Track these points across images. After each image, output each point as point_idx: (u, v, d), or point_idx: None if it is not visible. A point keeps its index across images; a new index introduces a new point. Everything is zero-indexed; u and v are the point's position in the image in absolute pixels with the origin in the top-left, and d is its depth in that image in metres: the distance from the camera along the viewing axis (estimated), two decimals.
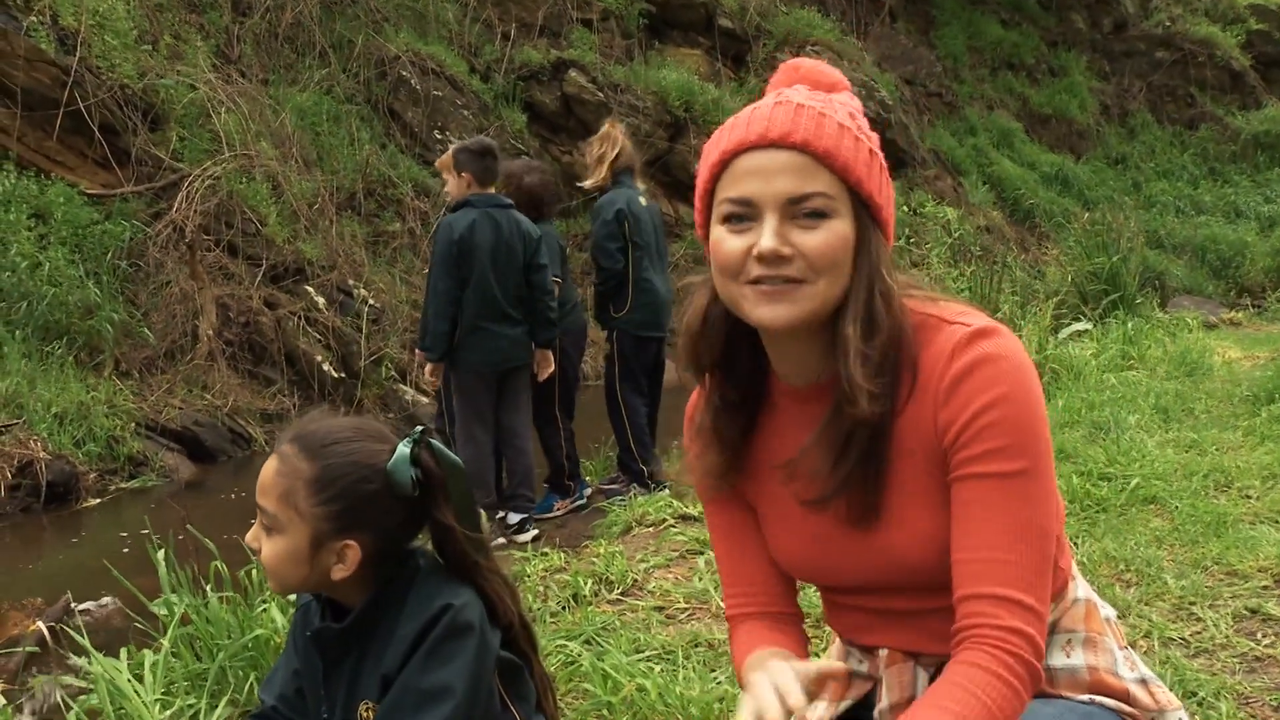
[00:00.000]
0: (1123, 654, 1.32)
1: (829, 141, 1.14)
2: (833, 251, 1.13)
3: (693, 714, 2.19)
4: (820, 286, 1.14)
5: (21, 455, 6.33)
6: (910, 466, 1.19)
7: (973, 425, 1.13)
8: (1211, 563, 2.95)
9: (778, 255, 1.12)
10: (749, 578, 1.36)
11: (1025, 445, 1.13)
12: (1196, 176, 17.43)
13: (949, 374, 1.14)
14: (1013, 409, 1.13)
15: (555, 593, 3.18)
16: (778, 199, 1.13)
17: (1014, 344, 1.17)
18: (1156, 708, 1.28)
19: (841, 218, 1.14)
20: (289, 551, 1.48)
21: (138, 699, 2.23)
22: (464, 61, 12.09)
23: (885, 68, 15.75)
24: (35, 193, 8.11)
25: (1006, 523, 1.13)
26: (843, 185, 1.15)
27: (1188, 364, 6.39)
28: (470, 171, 4.66)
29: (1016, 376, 1.14)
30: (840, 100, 1.22)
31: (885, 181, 1.19)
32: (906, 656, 1.29)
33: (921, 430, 1.17)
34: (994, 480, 1.13)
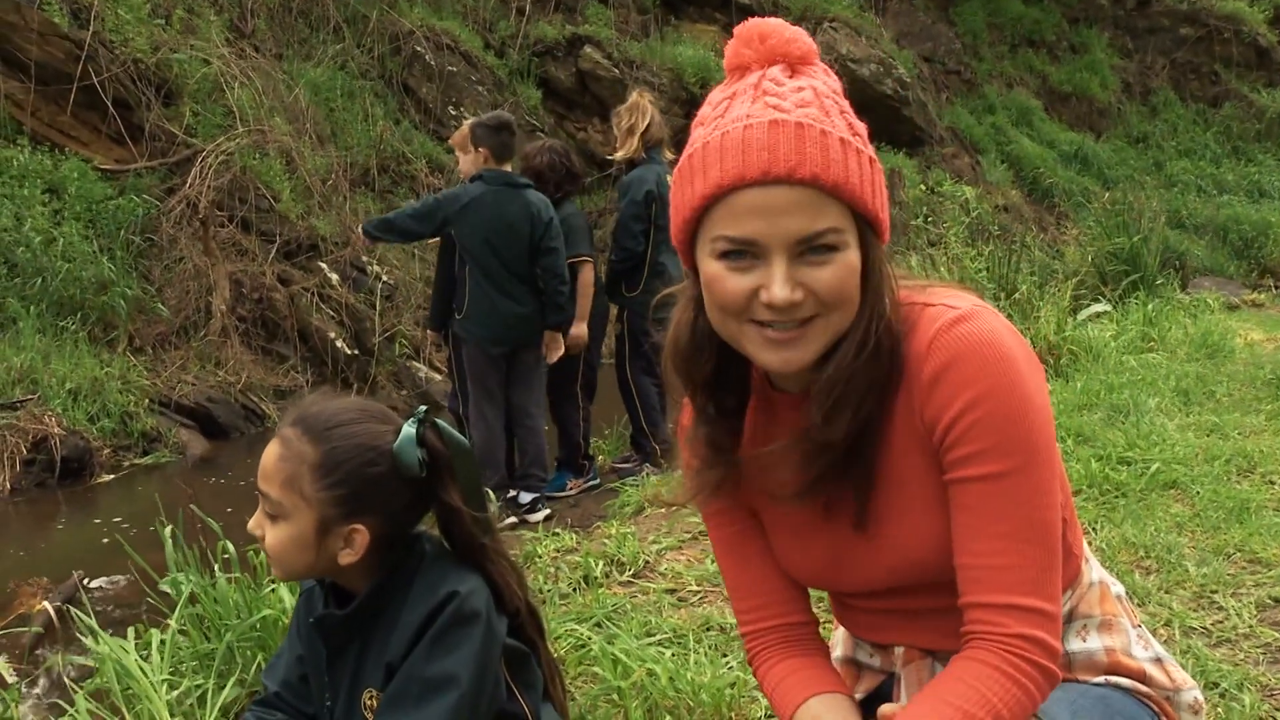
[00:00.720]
0: (1136, 632, 1.29)
1: (837, 171, 1.03)
2: (845, 287, 1.06)
3: (703, 700, 2.16)
4: (833, 320, 1.08)
5: (36, 431, 6.36)
6: (909, 464, 1.14)
7: (956, 427, 1.08)
8: (1234, 550, 2.90)
9: (792, 303, 1.04)
10: (759, 590, 1.31)
11: (1014, 441, 1.07)
12: (1219, 155, 17.17)
13: (927, 370, 1.09)
14: (995, 404, 1.06)
15: (566, 574, 3.15)
16: (787, 240, 1.04)
17: (992, 328, 1.09)
18: (1172, 686, 1.26)
19: (851, 247, 1.06)
20: (294, 538, 1.44)
21: (145, 679, 2.22)
22: (479, 37, 12.01)
23: (903, 45, 15.56)
24: (49, 168, 8.11)
25: (1005, 527, 1.08)
26: (851, 214, 1.06)
27: (1209, 346, 6.30)
28: (487, 146, 4.62)
29: (997, 368, 1.07)
30: (821, 86, 1.09)
31: (879, 180, 1.10)
32: (924, 654, 1.26)
33: (911, 426, 1.12)
34: (986, 483, 1.08)
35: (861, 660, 1.35)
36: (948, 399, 1.07)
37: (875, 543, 1.18)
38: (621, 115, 5.12)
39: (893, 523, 1.16)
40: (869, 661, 1.34)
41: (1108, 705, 1.20)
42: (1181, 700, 1.26)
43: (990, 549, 1.08)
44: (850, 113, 1.10)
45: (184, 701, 2.29)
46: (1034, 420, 1.08)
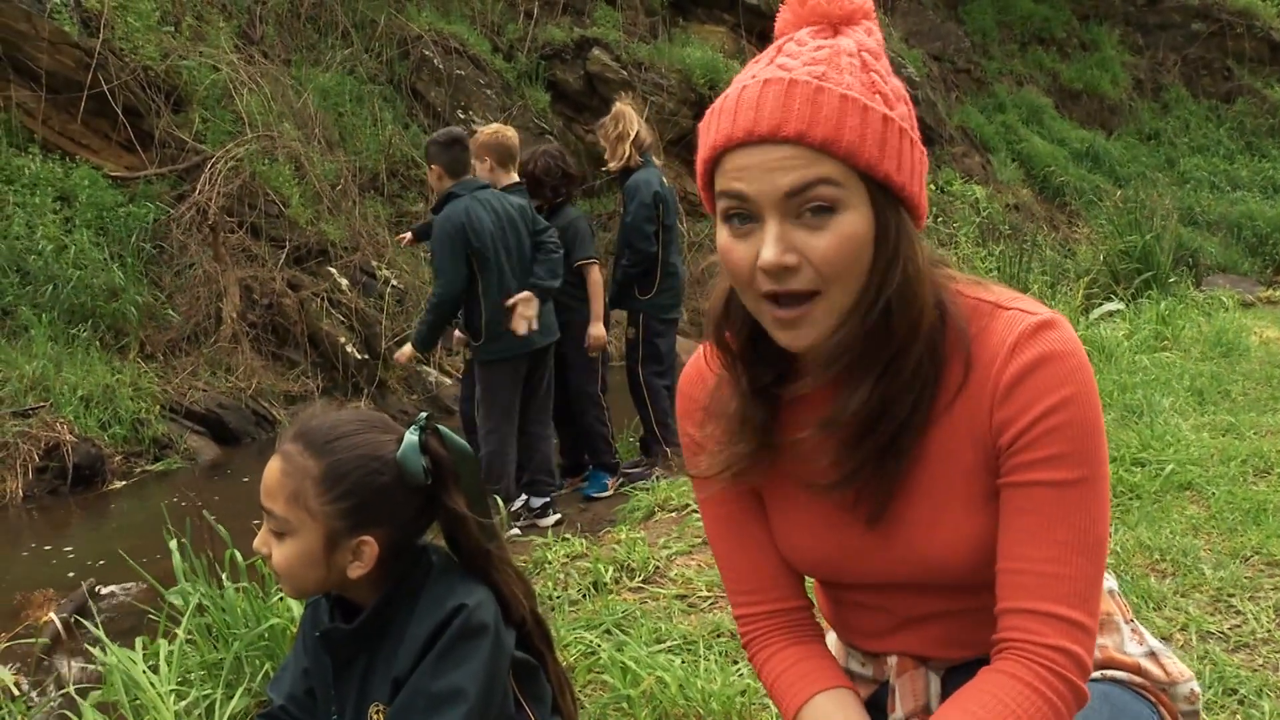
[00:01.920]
0: (1129, 628, 1.27)
1: (825, 127, 0.98)
2: (844, 255, 1.01)
3: (714, 708, 2.15)
4: (836, 296, 1.03)
5: (48, 438, 6.38)
6: (957, 463, 1.10)
7: (1035, 428, 1.05)
8: (1251, 552, 2.86)
9: (782, 267, 1.01)
10: (756, 574, 1.27)
11: (1088, 452, 1.05)
12: (1233, 151, 17.05)
13: (1010, 370, 1.06)
14: (1078, 412, 1.05)
15: (575, 580, 3.13)
16: (776, 195, 1.00)
17: (1076, 339, 1.08)
18: (1168, 679, 1.24)
19: (853, 208, 1.01)
20: (302, 554, 1.42)
21: (152, 689, 2.21)
22: (487, 40, 12.01)
23: (913, 44, 15.51)
24: (60, 176, 8.15)
25: (1064, 535, 1.05)
26: (851, 170, 1.00)
27: (1223, 344, 6.24)
28: (440, 163, 4.61)
29: (1082, 376, 1.05)
30: (850, 44, 1.05)
31: (908, 148, 1.03)
32: (917, 663, 1.23)
33: (975, 426, 1.09)
34: (1054, 489, 1.05)
35: (854, 670, 1.33)
36: (1030, 401, 1.05)
37: (896, 540, 1.15)
38: (608, 126, 5.13)
39: (922, 523, 1.13)
40: (861, 671, 1.32)
41: (1110, 703, 1.17)
42: (1178, 692, 1.24)
43: (1045, 555, 1.05)
44: (882, 72, 1.05)
45: (192, 712, 2.28)
46: (1102, 431, 1.08)
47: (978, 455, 1.10)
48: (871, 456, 1.10)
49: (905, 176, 1.03)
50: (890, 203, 1.03)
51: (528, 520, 4.63)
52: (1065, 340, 1.06)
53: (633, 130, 5.02)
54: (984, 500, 1.11)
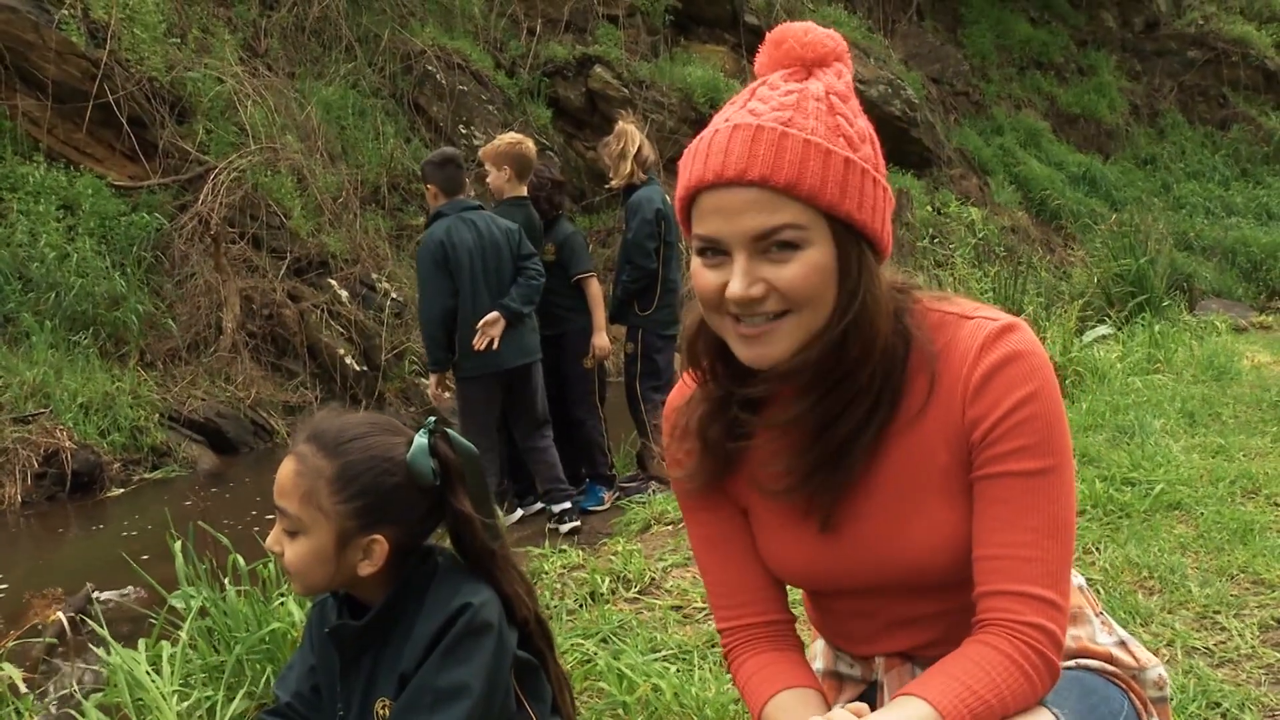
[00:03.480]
0: (1099, 619, 1.34)
1: (790, 172, 1.06)
2: (807, 284, 1.08)
3: (708, 715, 2.18)
4: (802, 318, 1.10)
5: (48, 444, 6.41)
6: (934, 470, 1.17)
7: (1005, 422, 1.13)
8: (1237, 571, 2.91)
9: (749, 299, 1.08)
10: (741, 587, 1.33)
11: (1053, 442, 1.13)
12: (1228, 178, 17.20)
13: (978, 370, 1.14)
14: (1042, 406, 1.13)
15: (573, 590, 3.17)
16: (744, 237, 1.08)
17: (1036, 340, 1.17)
18: (1137, 666, 1.30)
19: (816, 245, 1.08)
20: (314, 552, 1.47)
21: (155, 690, 2.24)
22: (489, 56, 12.12)
23: (912, 66, 15.64)
24: (64, 184, 8.21)
25: (1035, 521, 1.13)
26: (814, 210, 1.07)
27: (1215, 368, 6.30)
28: (435, 182, 4.66)
29: (1044, 373, 1.14)
30: (819, 88, 1.11)
31: (870, 187, 1.10)
32: (904, 659, 1.29)
33: (947, 428, 1.16)
34: (1024, 478, 1.13)
35: (842, 671, 1.38)
36: (998, 398, 1.13)
37: (857, 545, 1.21)
38: (610, 144, 5.20)
39: (888, 527, 1.20)
40: (849, 672, 1.37)
41: (1082, 685, 1.23)
42: (1146, 678, 1.30)
43: (1018, 540, 1.12)
44: (849, 115, 1.11)
45: (194, 713, 2.31)
46: (1066, 428, 1.16)
47: (952, 455, 1.17)
48: (821, 464, 1.17)
49: (866, 215, 1.10)
50: (852, 239, 1.10)
51: (551, 525, 4.67)
52: (1026, 341, 1.15)
53: (633, 148, 5.09)
54: (960, 498, 1.18)
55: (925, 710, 1.05)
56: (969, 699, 1.06)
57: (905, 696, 1.08)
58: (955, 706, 1.05)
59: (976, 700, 1.06)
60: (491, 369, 4.61)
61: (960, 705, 1.06)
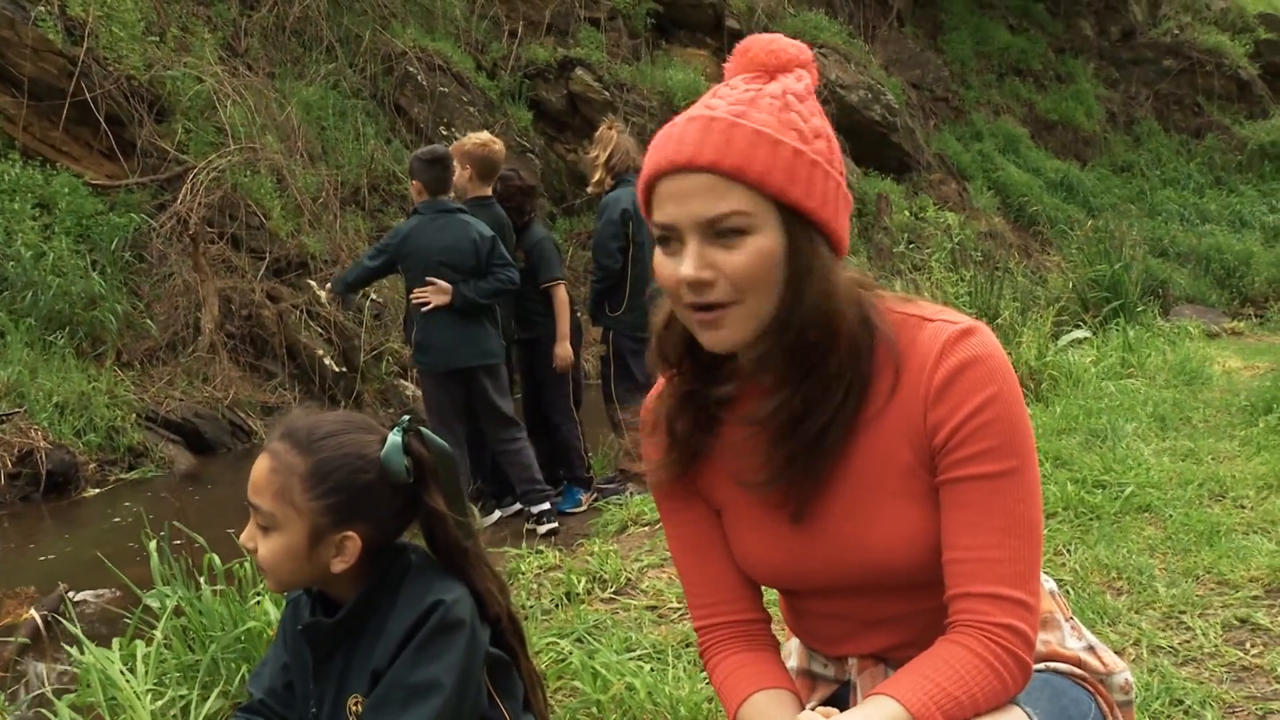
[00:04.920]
0: (1069, 624, 1.35)
1: (736, 157, 1.10)
2: (754, 270, 1.11)
3: (681, 714, 2.20)
4: (751, 305, 1.13)
5: (22, 444, 6.36)
6: (895, 468, 1.19)
7: (966, 426, 1.14)
8: (1203, 572, 2.96)
9: (699, 282, 1.12)
10: (716, 586, 1.34)
11: (1015, 444, 1.15)
12: (1202, 185, 17.41)
13: (939, 374, 1.15)
14: (1003, 409, 1.14)
15: (549, 590, 3.19)
16: (694, 222, 1.11)
17: (996, 342, 1.18)
18: (1105, 670, 1.32)
19: (763, 232, 1.11)
20: (287, 548, 1.48)
21: (129, 689, 2.24)
22: (470, 58, 12.11)
23: (892, 71, 15.75)
24: (40, 182, 8.15)
25: (1001, 522, 1.14)
26: (762, 197, 1.11)
27: (1187, 373, 6.39)
28: (421, 180, 4.68)
29: (1003, 375, 1.15)
30: (776, 88, 1.15)
31: (820, 178, 1.13)
32: (877, 661, 1.31)
33: (909, 429, 1.18)
34: (988, 480, 1.14)
35: (816, 671, 1.40)
36: (960, 401, 1.14)
37: (829, 539, 1.23)
38: (591, 150, 5.25)
39: (854, 523, 1.21)
40: (823, 672, 1.39)
41: (1053, 687, 1.25)
42: (1113, 683, 1.33)
43: (985, 543, 1.14)
44: (804, 113, 1.15)
45: (168, 712, 2.31)
46: (1027, 424, 1.17)
47: (914, 455, 1.18)
48: (796, 455, 1.19)
49: (815, 203, 1.13)
50: (802, 227, 1.13)
51: (528, 527, 4.68)
52: (986, 344, 1.16)
53: (604, 155, 5.13)
54: (922, 498, 1.19)
55: (896, 709, 1.06)
56: (940, 697, 1.08)
57: (876, 696, 1.09)
58: (926, 705, 1.07)
59: (947, 698, 1.08)
60: (443, 366, 4.63)
61: (931, 703, 1.07)
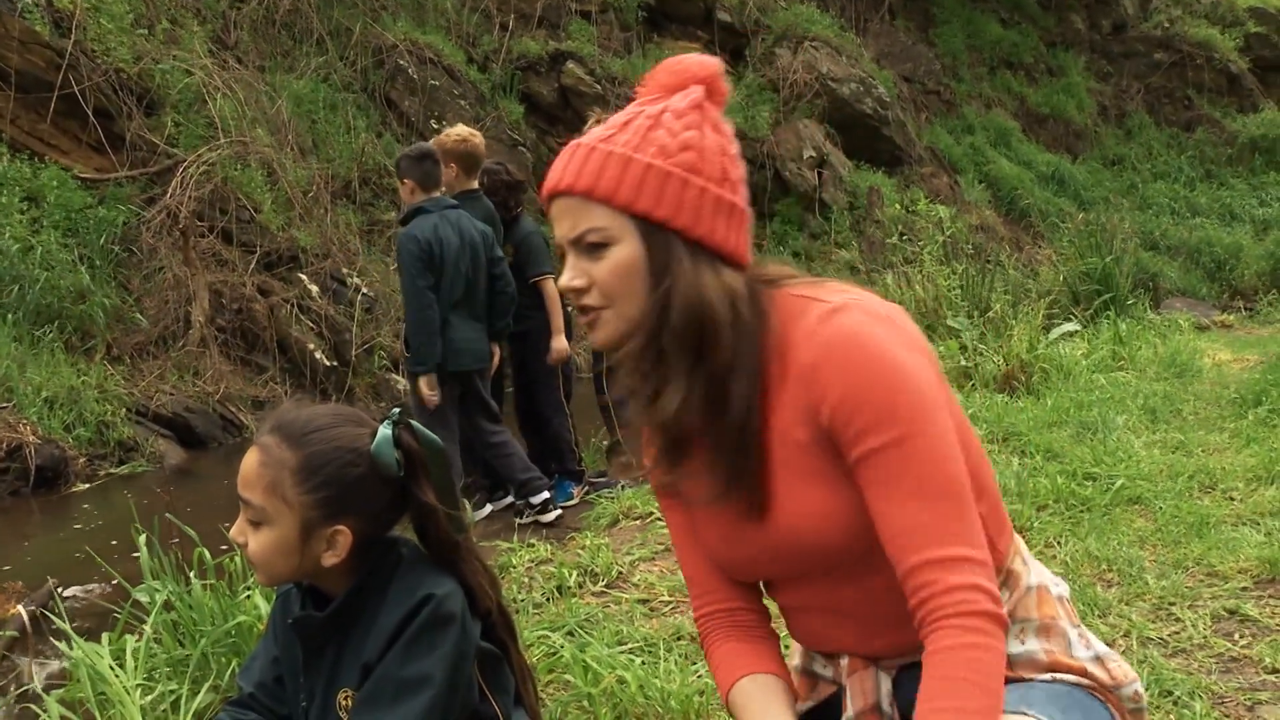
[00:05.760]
0: (1076, 633, 1.34)
1: (586, 180, 1.21)
2: (617, 278, 1.21)
3: (672, 706, 2.20)
4: (620, 308, 1.22)
5: (11, 439, 6.33)
6: (795, 448, 1.21)
7: (841, 408, 1.16)
8: (1193, 563, 2.97)
9: (573, 289, 1.24)
10: (711, 574, 1.38)
11: (896, 409, 1.14)
12: (1193, 179, 17.44)
13: (809, 356, 1.18)
14: (867, 381, 1.15)
15: (540, 584, 3.19)
16: (566, 239, 1.24)
17: (865, 314, 1.19)
18: (1113, 683, 1.30)
19: (623, 243, 1.21)
20: (278, 542, 1.47)
21: (118, 683, 2.23)
22: (462, 51, 12.07)
23: (884, 64, 15.74)
24: (28, 176, 8.10)
25: (910, 488, 1.14)
26: (617, 212, 1.20)
27: (1177, 365, 6.41)
28: (412, 177, 4.62)
29: (864, 351, 1.16)
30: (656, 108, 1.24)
31: (676, 188, 1.20)
32: (867, 663, 1.31)
33: (800, 410, 1.20)
34: (882, 452, 1.15)
35: (817, 672, 1.40)
36: (827, 386, 1.17)
37: (771, 527, 1.25)
38: None
39: (785, 505, 1.23)
40: (823, 673, 1.39)
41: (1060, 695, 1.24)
42: (1123, 694, 1.31)
43: (903, 512, 1.14)
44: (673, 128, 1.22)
45: (158, 707, 2.30)
46: (911, 387, 1.16)
47: (808, 434, 1.21)
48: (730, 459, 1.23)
49: (666, 212, 1.20)
50: (660, 235, 1.21)
51: (530, 518, 4.66)
52: (850, 321, 1.18)
53: None
54: (823, 476, 1.21)
55: None
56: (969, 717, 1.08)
57: None
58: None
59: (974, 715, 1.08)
60: (452, 368, 4.61)
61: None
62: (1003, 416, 4.84)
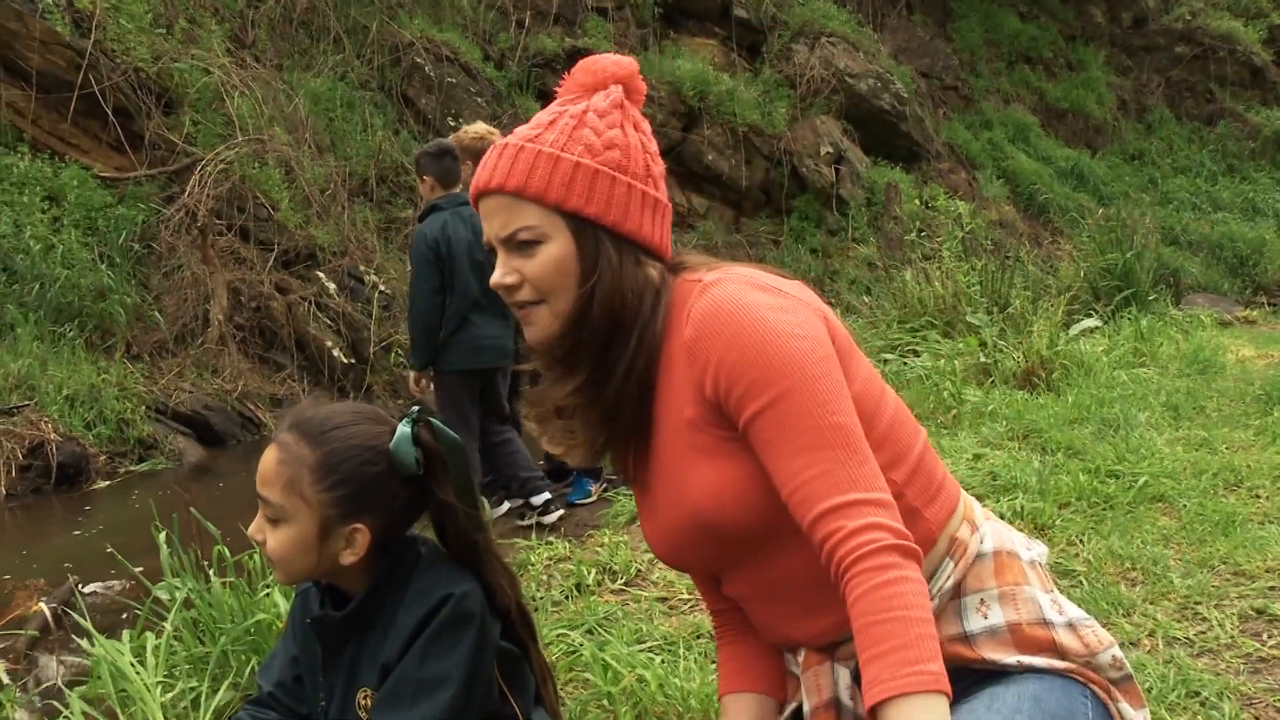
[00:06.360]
0: (1049, 599, 1.30)
1: (517, 179, 1.23)
2: (548, 274, 1.24)
3: (692, 706, 2.19)
4: (553, 304, 1.25)
5: (33, 436, 6.38)
6: (687, 427, 1.24)
7: (719, 379, 1.18)
8: (1219, 562, 2.93)
9: (504, 286, 1.27)
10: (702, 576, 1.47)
11: (771, 369, 1.16)
12: (1215, 173, 17.27)
13: (685, 333, 1.22)
14: (738, 347, 1.17)
15: (559, 582, 3.18)
16: (496, 237, 1.27)
17: (735, 286, 1.21)
18: (1087, 651, 1.26)
19: (554, 240, 1.24)
20: (297, 540, 1.47)
21: (139, 681, 2.24)
22: (478, 49, 12.08)
23: (901, 60, 15.66)
24: (49, 175, 8.16)
25: (801, 441, 1.15)
26: (548, 210, 1.23)
27: (1200, 362, 6.33)
28: (432, 174, 4.62)
29: (732, 318, 1.18)
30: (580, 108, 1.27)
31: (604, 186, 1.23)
32: (823, 656, 1.31)
33: (687, 388, 1.23)
34: (764, 414, 1.17)
35: (792, 670, 1.40)
36: (705, 358, 1.19)
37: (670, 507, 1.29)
38: None
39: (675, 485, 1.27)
40: (795, 670, 1.38)
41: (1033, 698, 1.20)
42: (1100, 662, 1.27)
43: (795, 467, 1.15)
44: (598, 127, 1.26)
45: (178, 704, 2.30)
46: (785, 347, 1.17)
47: (696, 411, 1.23)
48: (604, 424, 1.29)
49: (596, 209, 1.23)
50: (589, 231, 1.24)
51: (532, 519, 4.65)
52: (720, 293, 1.21)
53: None
54: (713, 452, 1.23)
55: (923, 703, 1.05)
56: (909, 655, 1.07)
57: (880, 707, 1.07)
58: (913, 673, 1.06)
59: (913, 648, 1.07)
60: (471, 365, 4.60)
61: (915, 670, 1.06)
62: (1023, 413, 4.80)
